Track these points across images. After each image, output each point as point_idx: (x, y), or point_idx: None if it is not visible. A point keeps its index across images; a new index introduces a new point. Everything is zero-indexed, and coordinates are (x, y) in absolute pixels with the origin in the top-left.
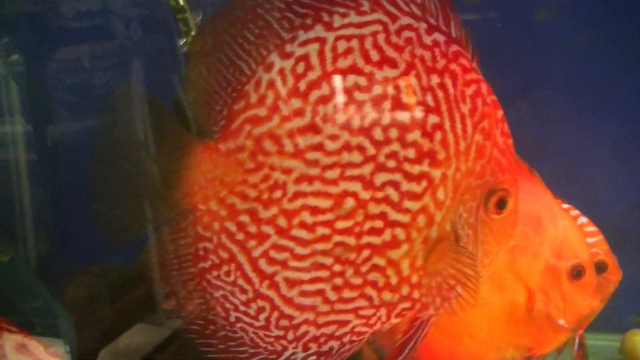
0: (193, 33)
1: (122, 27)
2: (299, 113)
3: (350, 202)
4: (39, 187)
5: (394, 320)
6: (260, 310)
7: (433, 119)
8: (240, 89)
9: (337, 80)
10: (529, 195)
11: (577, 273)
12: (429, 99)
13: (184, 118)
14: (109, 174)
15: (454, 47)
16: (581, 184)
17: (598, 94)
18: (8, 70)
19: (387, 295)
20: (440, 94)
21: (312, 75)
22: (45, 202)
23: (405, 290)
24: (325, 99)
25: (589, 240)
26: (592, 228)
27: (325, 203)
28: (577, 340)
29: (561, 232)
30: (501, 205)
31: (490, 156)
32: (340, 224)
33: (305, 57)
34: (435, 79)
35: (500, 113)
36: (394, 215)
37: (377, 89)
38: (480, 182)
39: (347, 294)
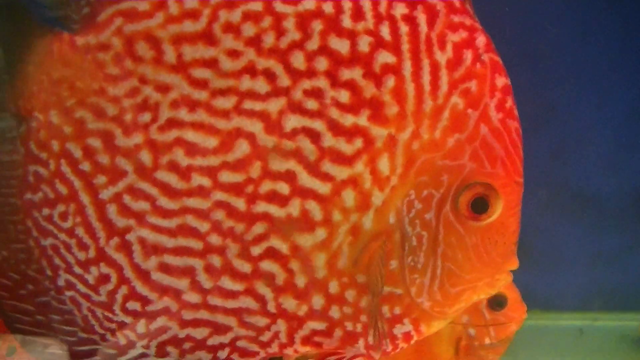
0: None
1: None
2: (191, 15)
3: (243, 147)
4: None
5: (300, 348)
6: (103, 278)
7: (386, 57)
8: None
9: None
10: None
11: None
12: (384, 30)
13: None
14: None
15: None
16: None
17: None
18: None
19: (290, 302)
20: (403, 28)
21: None
22: None
23: (317, 301)
24: (230, 3)
25: None
26: None
27: (208, 141)
28: None
29: None
30: (478, 207)
31: (475, 132)
32: (227, 176)
33: None
34: (400, 9)
35: (502, 81)
36: (306, 180)
37: (308, 3)
38: (451, 163)
39: (227, 283)
